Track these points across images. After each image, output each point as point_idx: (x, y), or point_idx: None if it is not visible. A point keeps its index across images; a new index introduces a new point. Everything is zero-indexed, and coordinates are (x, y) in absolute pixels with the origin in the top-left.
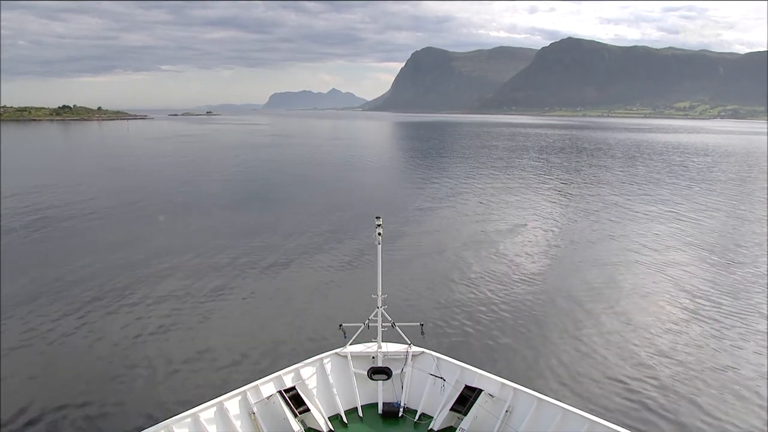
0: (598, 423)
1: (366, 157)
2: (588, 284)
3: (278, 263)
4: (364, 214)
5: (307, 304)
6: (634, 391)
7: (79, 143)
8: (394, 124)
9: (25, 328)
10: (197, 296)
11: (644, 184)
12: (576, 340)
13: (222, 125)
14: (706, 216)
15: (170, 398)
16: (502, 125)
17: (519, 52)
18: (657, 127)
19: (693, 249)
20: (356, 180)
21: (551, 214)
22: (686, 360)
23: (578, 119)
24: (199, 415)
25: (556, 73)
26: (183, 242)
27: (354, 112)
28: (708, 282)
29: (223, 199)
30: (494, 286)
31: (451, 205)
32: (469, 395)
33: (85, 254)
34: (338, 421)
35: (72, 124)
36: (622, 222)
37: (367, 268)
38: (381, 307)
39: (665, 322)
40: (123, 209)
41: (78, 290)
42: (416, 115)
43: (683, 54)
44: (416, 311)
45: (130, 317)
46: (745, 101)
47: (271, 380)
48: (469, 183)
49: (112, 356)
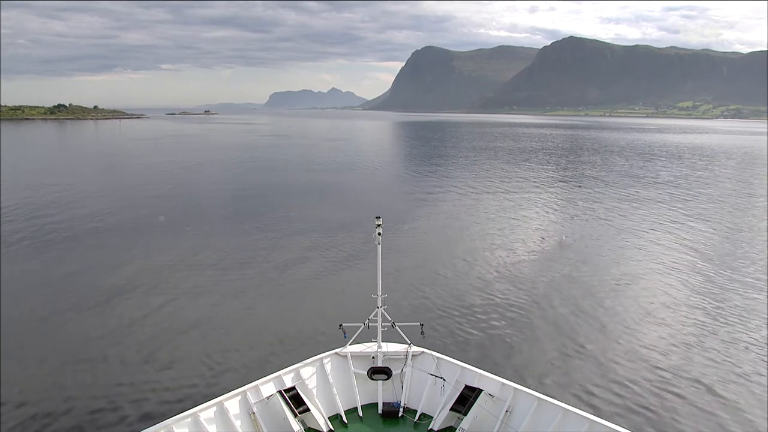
0: (598, 423)
1: (365, 161)
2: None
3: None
4: (363, 216)
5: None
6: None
7: (61, 143)
8: (394, 124)
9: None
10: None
11: (672, 192)
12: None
13: (218, 125)
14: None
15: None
16: (504, 125)
17: (520, 51)
18: (664, 127)
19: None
20: (354, 184)
21: (557, 218)
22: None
23: (581, 119)
24: (199, 415)
25: (557, 73)
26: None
27: (354, 111)
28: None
29: (217, 201)
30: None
31: (454, 214)
32: (469, 395)
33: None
34: (338, 421)
35: (65, 123)
36: (639, 232)
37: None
38: (381, 307)
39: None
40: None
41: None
42: (417, 114)
43: (686, 53)
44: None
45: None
46: (747, 101)
47: (271, 380)
48: (474, 188)
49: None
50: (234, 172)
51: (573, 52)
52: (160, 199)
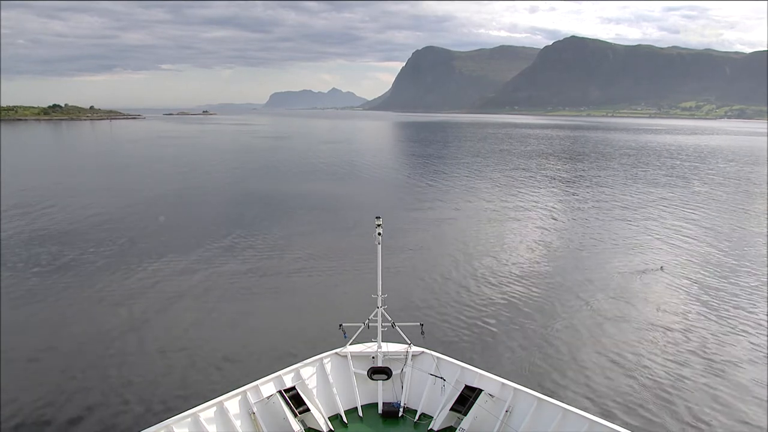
0: (598, 423)
1: (365, 165)
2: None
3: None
4: (364, 218)
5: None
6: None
7: (42, 145)
8: (394, 125)
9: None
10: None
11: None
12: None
13: (215, 125)
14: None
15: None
16: (507, 125)
17: (521, 51)
18: (672, 127)
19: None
20: (352, 192)
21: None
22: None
23: (583, 119)
24: (199, 415)
25: (558, 73)
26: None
27: (354, 111)
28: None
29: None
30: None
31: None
32: (469, 395)
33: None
34: (338, 421)
35: (59, 124)
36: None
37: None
38: (381, 307)
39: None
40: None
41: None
42: (417, 114)
43: (688, 53)
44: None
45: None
46: (750, 101)
47: (271, 380)
48: (489, 201)
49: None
50: (224, 182)
51: (574, 52)
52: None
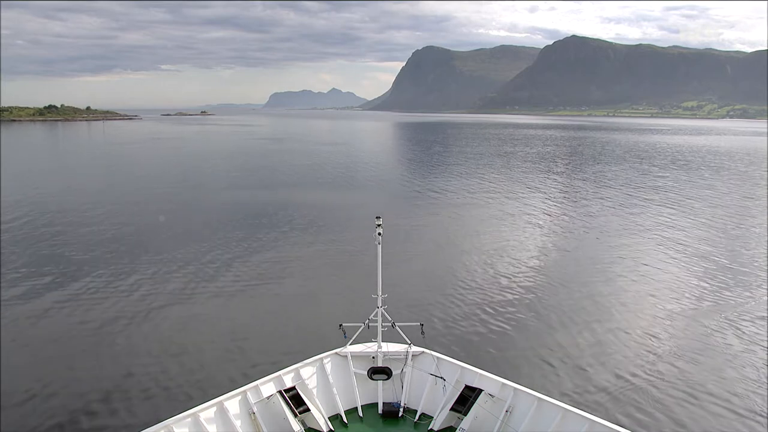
0: (598, 423)
1: (365, 168)
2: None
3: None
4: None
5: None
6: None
7: (24, 148)
8: (394, 125)
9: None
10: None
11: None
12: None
13: (212, 126)
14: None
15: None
16: (508, 126)
17: (521, 51)
18: (675, 127)
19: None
20: (352, 192)
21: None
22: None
23: (585, 119)
24: (199, 415)
25: (559, 73)
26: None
27: (354, 111)
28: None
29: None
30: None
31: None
32: (469, 395)
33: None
34: (338, 421)
35: (54, 124)
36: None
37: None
38: (381, 307)
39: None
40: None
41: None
42: (417, 115)
43: (689, 53)
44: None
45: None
46: (752, 101)
47: (271, 380)
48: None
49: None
50: (221, 185)
51: (575, 52)
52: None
